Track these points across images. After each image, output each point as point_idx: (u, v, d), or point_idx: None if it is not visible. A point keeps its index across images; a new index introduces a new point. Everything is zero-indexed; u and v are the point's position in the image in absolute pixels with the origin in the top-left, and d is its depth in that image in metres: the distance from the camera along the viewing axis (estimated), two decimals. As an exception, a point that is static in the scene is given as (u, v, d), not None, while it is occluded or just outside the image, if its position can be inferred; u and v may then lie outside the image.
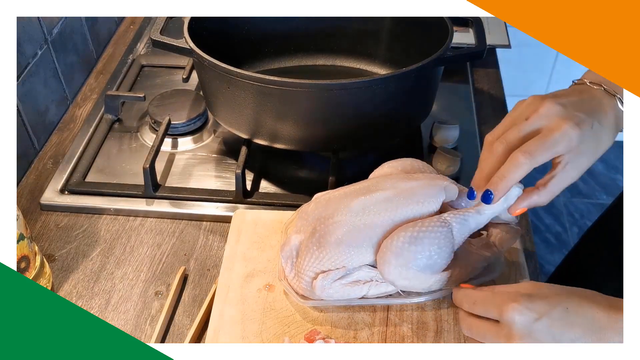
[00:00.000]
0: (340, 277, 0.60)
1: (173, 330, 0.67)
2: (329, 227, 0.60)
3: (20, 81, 0.84)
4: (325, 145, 0.80)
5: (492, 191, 0.57)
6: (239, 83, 0.74)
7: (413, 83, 0.77)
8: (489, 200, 0.58)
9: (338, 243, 0.60)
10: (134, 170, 0.85)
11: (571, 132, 0.56)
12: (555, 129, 0.56)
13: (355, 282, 0.61)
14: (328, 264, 0.60)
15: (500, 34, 1.08)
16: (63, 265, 0.73)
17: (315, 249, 0.60)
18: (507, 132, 0.58)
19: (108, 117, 0.93)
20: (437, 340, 0.61)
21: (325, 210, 0.62)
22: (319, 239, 0.60)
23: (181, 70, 1.01)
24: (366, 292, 0.61)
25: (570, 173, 0.58)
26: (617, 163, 2.16)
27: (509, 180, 0.56)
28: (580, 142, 0.57)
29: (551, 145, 0.56)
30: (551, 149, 0.56)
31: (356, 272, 0.61)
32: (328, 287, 0.60)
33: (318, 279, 0.60)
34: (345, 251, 0.60)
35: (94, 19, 1.06)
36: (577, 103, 0.58)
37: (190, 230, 0.78)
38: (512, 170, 0.56)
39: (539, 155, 0.56)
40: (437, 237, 0.58)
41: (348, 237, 0.59)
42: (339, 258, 0.60)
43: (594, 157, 0.60)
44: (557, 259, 1.86)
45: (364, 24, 0.93)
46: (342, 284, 0.60)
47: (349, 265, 0.60)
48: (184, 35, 0.79)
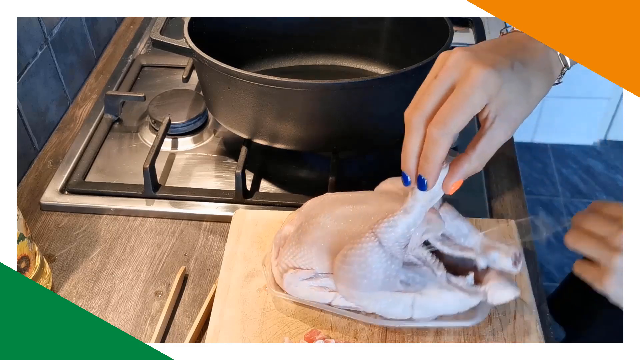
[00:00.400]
0: (309, 278, 0.60)
1: (173, 330, 0.67)
2: (310, 226, 0.61)
3: (20, 81, 0.84)
4: (325, 145, 0.80)
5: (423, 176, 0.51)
6: (239, 83, 0.74)
7: (413, 83, 0.76)
8: (423, 186, 0.51)
9: (312, 244, 0.60)
10: (134, 170, 0.85)
11: (484, 75, 0.48)
12: (465, 79, 0.48)
13: (322, 287, 0.61)
14: (300, 262, 0.61)
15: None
16: (63, 265, 0.73)
17: (294, 244, 0.61)
18: (421, 100, 0.51)
19: (108, 117, 0.93)
20: (437, 340, 0.61)
21: (315, 209, 0.62)
22: (300, 236, 0.61)
23: (181, 70, 1.01)
24: (331, 301, 0.61)
25: (502, 127, 0.51)
26: (617, 163, 2.17)
27: (433, 161, 0.49)
28: (500, 87, 0.48)
29: (464, 102, 0.48)
30: (465, 107, 0.48)
31: (324, 278, 0.60)
32: (294, 285, 0.61)
33: (288, 273, 0.61)
34: (316, 254, 0.60)
35: (94, 19, 1.06)
36: (491, 47, 0.51)
37: (190, 230, 0.78)
38: (432, 149, 0.49)
39: (452, 122, 0.48)
40: (363, 253, 0.55)
41: (322, 240, 0.60)
42: (310, 259, 0.60)
43: (528, 105, 0.52)
44: (557, 259, 1.86)
45: (364, 24, 0.93)
46: (309, 285, 0.61)
47: (318, 269, 0.60)
48: (184, 35, 0.79)
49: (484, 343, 0.60)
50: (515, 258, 0.58)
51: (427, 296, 0.58)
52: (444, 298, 0.58)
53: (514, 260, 0.58)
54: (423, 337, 0.61)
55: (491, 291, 0.58)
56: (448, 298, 0.58)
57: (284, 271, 0.62)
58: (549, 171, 2.16)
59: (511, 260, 0.58)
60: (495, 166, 0.86)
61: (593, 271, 0.52)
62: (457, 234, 0.61)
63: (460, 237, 0.61)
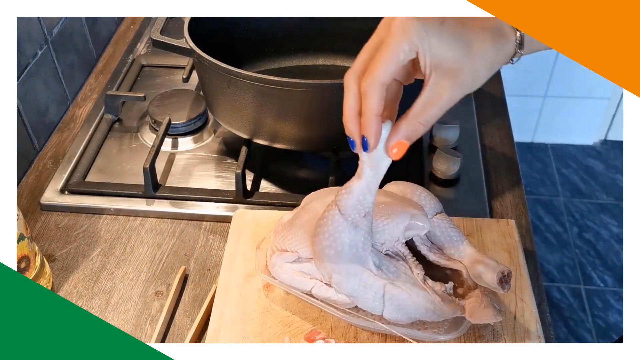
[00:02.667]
0: (292, 261, 0.61)
1: (173, 330, 0.67)
2: (303, 211, 0.62)
3: (21, 81, 0.84)
4: (325, 145, 0.80)
5: (365, 136, 0.49)
6: (239, 83, 0.74)
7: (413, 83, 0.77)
8: (366, 146, 0.50)
9: (299, 227, 0.61)
10: (134, 170, 0.85)
11: (403, 22, 0.47)
12: (388, 31, 0.48)
13: (303, 273, 0.61)
14: (288, 245, 0.61)
15: (500, 34, 1.08)
16: (63, 265, 0.73)
17: (286, 227, 0.62)
18: (354, 61, 0.50)
19: (108, 117, 0.93)
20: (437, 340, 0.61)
21: (310, 197, 0.64)
22: (292, 219, 0.62)
23: (181, 70, 1.02)
24: (310, 289, 0.60)
25: (440, 83, 0.48)
26: (617, 163, 2.17)
27: (368, 114, 0.48)
28: (426, 38, 0.47)
29: (386, 51, 0.47)
30: (388, 55, 0.47)
31: (306, 263, 0.61)
32: (278, 266, 0.61)
33: (274, 254, 0.62)
34: (301, 237, 0.60)
35: (94, 19, 1.06)
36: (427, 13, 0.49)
37: (191, 230, 0.78)
38: (364, 103, 0.48)
39: (378, 71, 0.47)
40: (326, 222, 0.56)
41: (308, 224, 0.60)
42: (296, 242, 0.61)
43: (471, 62, 0.49)
44: (557, 259, 1.86)
45: (364, 24, 0.93)
46: (292, 269, 0.61)
47: (301, 253, 0.61)
48: (184, 35, 0.79)
49: (484, 343, 0.60)
50: (502, 275, 0.55)
51: (399, 289, 0.57)
52: (415, 296, 0.57)
53: (499, 277, 0.55)
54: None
55: (470, 307, 0.56)
56: (420, 298, 0.57)
57: (273, 253, 0.63)
58: (549, 171, 2.17)
59: (496, 277, 0.55)
60: (495, 166, 0.87)
61: None
62: (448, 244, 0.61)
63: (451, 248, 0.61)
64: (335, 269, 0.57)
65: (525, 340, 0.61)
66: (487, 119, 0.95)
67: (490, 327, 0.62)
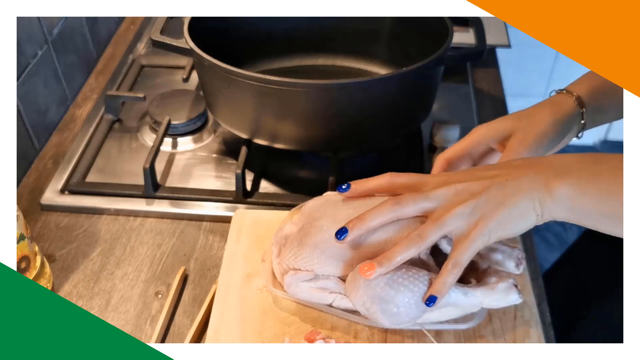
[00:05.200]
0: (309, 279, 0.60)
1: (173, 330, 0.67)
2: (313, 229, 0.60)
3: (21, 81, 0.84)
4: (325, 145, 0.80)
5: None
6: (239, 83, 0.74)
7: (413, 83, 0.77)
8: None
9: (314, 247, 0.59)
10: (134, 170, 0.85)
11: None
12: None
13: (322, 288, 0.60)
14: (301, 264, 0.60)
15: (500, 34, 1.08)
16: (63, 266, 0.73)
17: (296, 245, 0.61)
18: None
19: (108, 117, 0.93)
20: (437, 341, 0.61)
21: (318, 211, 0.62)
22: (302, 238, 0.61)
23: (181, 70, 1.02)
24: (331, 302, 0.61)
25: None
26: (617, 163, 2.16)
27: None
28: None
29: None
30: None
31: (325, 280, 0.60)
32: (295, 286, 0.60)
33: (288, 274, 0.61)
34: (318, 257, 0.59)
35: (94, 19, 1.06)
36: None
37: (190, 230, 0.78)
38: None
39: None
40: (413, 293, 0.55)
41: (324, 244, 0.59)
42: (311, 261, 0.60)
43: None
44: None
45: (364, 24, 0.93)
46: (310, 287, 0.60)
47: (319, 271, 0.60)
48: (184, 35, 0.79)
49: (484, 343, 0.60)
50: (517, 260, 0.58)
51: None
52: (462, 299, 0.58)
53: (516, 263, 0.58)
54: (423, 337, 0.61)
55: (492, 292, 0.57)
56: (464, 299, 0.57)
57: (285, 272, 0.62)
58: (549, 171, 2.16)
59: (514, 262, 0.58)
60: (495, 166, 0.86)
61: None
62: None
63: None
64: (372, 310, 0.56)
65: (525, 340, 0.61)
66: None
67: (490, 327, 0.62)
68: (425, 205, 0.55)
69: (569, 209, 0.51)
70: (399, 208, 0.55)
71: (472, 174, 0.56)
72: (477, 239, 0.53)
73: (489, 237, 0.53)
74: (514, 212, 0.52)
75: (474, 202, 0.53)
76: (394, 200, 0.55)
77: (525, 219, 0.52)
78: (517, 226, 0.53)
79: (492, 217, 0.52)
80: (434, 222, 0.54)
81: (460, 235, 0.54)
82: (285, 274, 0.61)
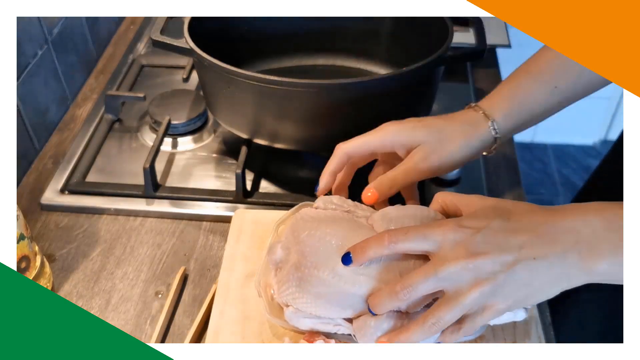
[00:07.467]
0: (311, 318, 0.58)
1: (173, 330, 0.67)
2: (312, 278, 0.56)
3: (21, 81, 0.84)
4: (325, 145, 0.80)
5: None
6: (239, 83, 0.74)
7: (413, 83, 0.77)
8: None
9: (317, 297, 0.56)
10: (134, 170, 0.85)
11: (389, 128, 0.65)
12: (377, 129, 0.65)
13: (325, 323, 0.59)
14: (303, 307, 0.57)
15: (500, 34, 1.08)
16: (63, 265, 0.73)
17: (295, 288, 0.57)
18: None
19: (108, 117, 0.93)
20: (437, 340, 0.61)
21: (311, 250, 0.57)
22: (300, 282, 0.56)
23: (181, 70, 1.02)
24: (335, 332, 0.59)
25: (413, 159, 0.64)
26: (617, 163, 2.16)
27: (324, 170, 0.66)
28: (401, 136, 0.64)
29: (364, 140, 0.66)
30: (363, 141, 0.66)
31: (326, 319, 0.58)
32: (295, 320, 0.58)
33: (289, 309, 0.58)
34: (323, 305, 0.57)
35: (94, 19, 1.06)
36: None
37: (191, 230, 0.78)
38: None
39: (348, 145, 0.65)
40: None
41: (331, 296, 0.56)
42: (315, 308, 0.57)
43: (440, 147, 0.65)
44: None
45: (364, 24, 0.93)
46: (312, 321, 0.58)
47: (322, 315, 0.58)
48: (184, 35, 0.79)
49: (484, 343, 0.60)
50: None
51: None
52: None
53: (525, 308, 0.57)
54: (423, 337, 0.61)
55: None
56: None
57: (284, 305, 0.59)
58: (549, 171, 2.17)
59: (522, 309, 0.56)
60: (495, 166, 0.87)
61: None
62: None
63: None
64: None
65: (525, 340, 0.61)
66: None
67: (490, 327, 0.62)
68: (439, 285, 0.51)
69: (605, 280, 0.50)
70: (410, 290, 0.51)
71: (492, 239, 0.50)
72: (489, 317, 0.51)
73: (503, 312, 0.51)
74: (538, 295, 0.50)
75: (494, 285, 0.49)
76: (405, 283, 0.51)
77: (549, 295, 0.51)
78: (537, 301, 0.52)
79: (512, 298, 0.50)
80: (449, 306, 0.51)
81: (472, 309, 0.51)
82: (286, 308, 0.59)
